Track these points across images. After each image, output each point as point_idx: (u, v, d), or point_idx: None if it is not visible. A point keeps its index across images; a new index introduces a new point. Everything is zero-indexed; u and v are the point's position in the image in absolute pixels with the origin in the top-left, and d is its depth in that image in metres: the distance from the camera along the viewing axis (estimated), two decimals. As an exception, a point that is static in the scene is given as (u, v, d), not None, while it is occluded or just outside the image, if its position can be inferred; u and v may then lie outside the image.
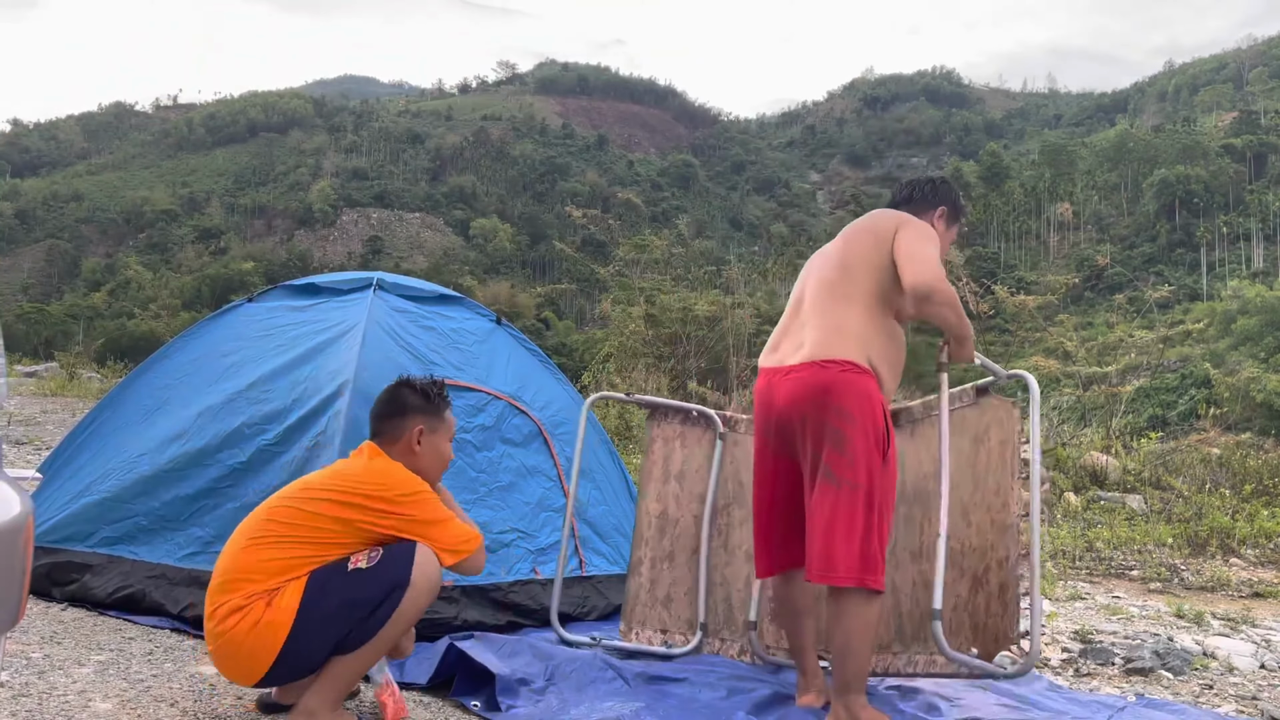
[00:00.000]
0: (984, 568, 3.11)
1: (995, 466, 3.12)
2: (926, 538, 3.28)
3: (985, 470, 3.17)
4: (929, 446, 3.31)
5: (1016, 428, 3.08)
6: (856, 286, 3.06)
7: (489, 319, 4.79)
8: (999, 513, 3.08)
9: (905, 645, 3.35)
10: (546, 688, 3.16)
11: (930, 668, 3.24)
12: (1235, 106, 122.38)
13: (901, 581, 3.36)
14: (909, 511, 3.37)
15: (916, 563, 3.31)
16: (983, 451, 3.19)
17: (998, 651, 3.06)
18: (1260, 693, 3.90)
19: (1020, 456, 3.06)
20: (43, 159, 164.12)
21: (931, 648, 3.21)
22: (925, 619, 3.24)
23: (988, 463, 3.16)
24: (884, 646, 3.42)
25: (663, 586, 3.85)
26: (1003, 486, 3.08)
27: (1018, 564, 3.00)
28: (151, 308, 75.31)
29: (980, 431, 3.20)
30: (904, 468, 3.39)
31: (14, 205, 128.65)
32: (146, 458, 4.12)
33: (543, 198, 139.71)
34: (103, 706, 2.81)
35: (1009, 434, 3.09)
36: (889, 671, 3.40)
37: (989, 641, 3.06)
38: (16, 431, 10.32)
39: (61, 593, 3.94)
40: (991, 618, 3.06)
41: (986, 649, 3.06)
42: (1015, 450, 3.07)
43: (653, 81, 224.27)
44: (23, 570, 1.73)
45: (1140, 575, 6.51)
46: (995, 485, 3.11)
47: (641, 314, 17.42)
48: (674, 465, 3.91)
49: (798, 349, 3.06)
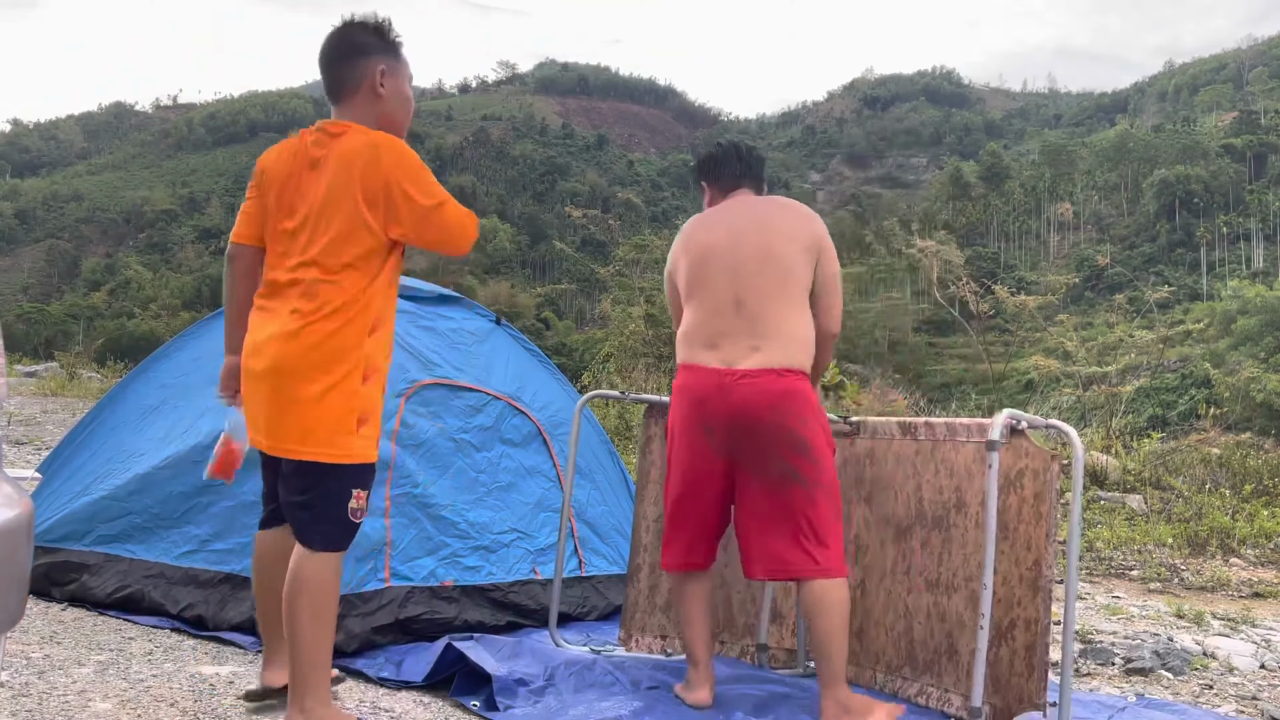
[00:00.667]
0: (1009, 622, 3.01)
1: (1028, 518, 2.99)
2: (946, 571, 3.19)
3: (1015, 519, 3.04)
4: (951, 471, 3.21)
5: (1055, 485, 2.95)
6: (798, 289, 3.10)
7: (489, 319, 4.79)
8: (1029, 569, 2.97)
9: (916, 674, 3.28)
10: (545, 688, 3.16)
11: (944, 705, 3.16)
12: (1235, 106, 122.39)
13: (915, 608, 3.29)
14: (927, 537, 3.27)
15: (933, 593, 3.23)
16: (1014, 498, 3.06)
17: (1020, 712, 2.96)
18: (1260, 693, 3.90)
19: (1056, 516, 2.95)
20: (43, 159, 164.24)
21: (944, 683, 3.16)
22: (939, 653, 3.18)
23: (1019, 512, 3.03)
24: (894, 669, 3.36)
25: (662, 593, 3.84)
26: (1035, 542, 2.96)
27: (1048, 630, 2.93)
28: (151, 308, 75.33)
29: (1012, 476, 3.06)
30: (921, 488, 3.31)
31: (14, 205, 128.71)
32: (144, 457, 4.12)
33: (543, 198, 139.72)
34: (103, 706, 2.81)
35: (1044, 489, 2.96)
36: (898, 695, 3.34)
37: (1011, 699, 2.97)
38: (16, 431, 10.32)
39: (61, 592, 3.94)
40: (1016, 676, 2.97)
41: (1008, 704, 2.98)
42: (1052, 508, 2.95)
43: (653, 81, 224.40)
44: (23, 570, 1.73)
45: (1140, 575, 6.51)
46: (1026, 538, 2.99)
47: (641, 314, 17.44)
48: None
49: (752, 352, 3.05)
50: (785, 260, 3.09)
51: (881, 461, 3.46)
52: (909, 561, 3.31)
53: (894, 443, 3.42)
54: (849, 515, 3.53)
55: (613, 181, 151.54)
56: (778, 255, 3.10)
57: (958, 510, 3.16)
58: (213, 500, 3.88)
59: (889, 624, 3.39)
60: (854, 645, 3.49)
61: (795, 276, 3.10)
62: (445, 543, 3.86)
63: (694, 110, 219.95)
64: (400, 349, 4.14)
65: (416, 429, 3.96)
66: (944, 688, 3.17)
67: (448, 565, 3.86)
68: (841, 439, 3.57)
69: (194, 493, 3.92)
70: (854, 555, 3.51)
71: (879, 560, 3.43)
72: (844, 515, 3.57)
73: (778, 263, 3.09)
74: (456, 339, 4.47)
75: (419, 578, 3.73)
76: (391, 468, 3.74)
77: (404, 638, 3.58)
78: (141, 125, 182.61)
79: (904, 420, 3.47)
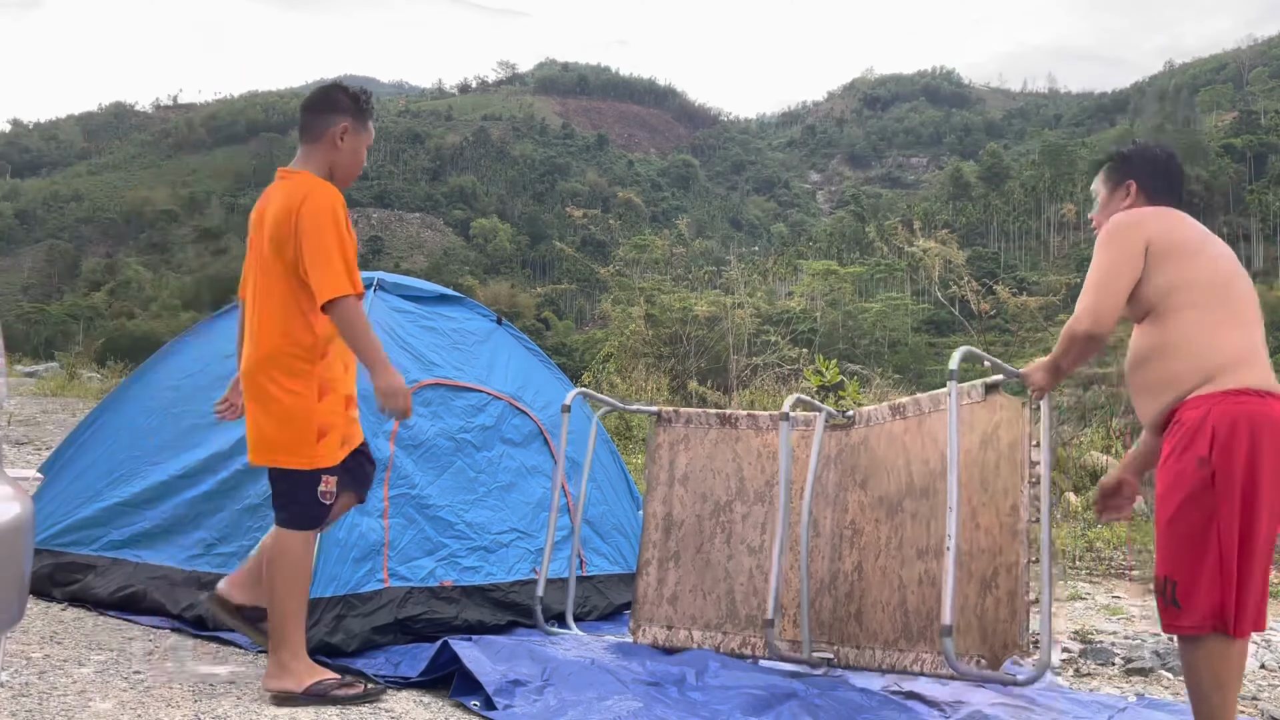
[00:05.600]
0: (992, 571, 3.10)
1: (1005, 469, 3.10)
2: (934, 536, 3.27)
3: (994, 472, 3.15)
4: (936, 441, 3.30)
5: (1027, 430, 3.06)
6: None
7: (489, 319, 4.79)
8: (1008, 516, 3.07)
9: (911, 643, 3.35)
10: (544, 688, 3.16)
11: (938, 668, 3.23)
12: (1235, 106, 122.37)
13: (908, 578, 3.37)
14: (916, 508, 3.36)
15: (924, 560, 3.31)
16: (991, 452, 3.17)
17: (1006, 657, 3.06)
18: (1260, 693, 3.90)
19: (1030, 460, 3.04)
20: (43, 159, 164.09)
21: (937, 648, 3.21)
22: (932, 618, 3.24)
23: (997, 464, 3.14)
24: (889, 643, 3.43)
25: (669, 585, 3.90)
26: (1011, 489, 3.07)
27: (1028, 570, 2.99)
28: (152, 308, 75.16)
29: (989, 431, 3.18)
30: (910, 462, 3.38)
31: (14, 205, 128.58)
32: (159, 465, 4.12)
33: (543, 198, 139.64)
34: (103, 706, 2.81)
35: (1018, 436, 3.07)
36: (895, 668, 3.41)
37: (997, 646, 3.06)
38: (16, 431, 10.31)
39: (62, 593, 3.94)
40: (1000, 623, 3.05)
41: (994, 654, 3.06)
42: (1026, 453, 3.05)
43: (653, 81, 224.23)
44: (23, 570, 1.73)
45: (1140, 575, 6.51)
46: (1004, 488, 3.09)
47: (641, 314, 17.45)
48: (679, 469, 3.98)
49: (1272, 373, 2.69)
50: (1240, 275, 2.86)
51: (875, 446, 3.54)
52: (900, 535, 3.38)
53: (886, 426, 3.50)
54: (845, 502, 3.58)
55: (613, 181, 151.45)
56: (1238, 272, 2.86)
57: (942, 477, 3.21)
58: (221, 505, 3.89)
59: (885, 600, 3.45)
60: (853, 628, 3.53)
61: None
62: (443, 543, 3.86)
63: (694, 110, 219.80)
64: (401, 349, 4.14)
65: (416, 429, 3.96)
66: (937, 651, 3.22)
67: (447, 565, 3.86)
68: (838, 431, 3.60)
69: (203, 498, 3.93)
70: (850, 539, 3.56)
71: (874, 540, 3.50)
72: (840, 503, 3.61)
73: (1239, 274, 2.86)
74: (457, 339, 4.47)
75: (418, 578, 3.73)
76: (390, 468, 3.74)
77: (404, 638, 3.58)
78: (141, 125, 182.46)
79: (893, 402, 3.54)
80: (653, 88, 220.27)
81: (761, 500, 3.82)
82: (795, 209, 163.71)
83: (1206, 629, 2.58)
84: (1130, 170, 2.96)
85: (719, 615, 3.84)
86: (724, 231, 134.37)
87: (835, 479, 3.74)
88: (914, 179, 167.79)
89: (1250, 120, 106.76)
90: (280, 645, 2.96)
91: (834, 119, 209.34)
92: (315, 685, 2.94)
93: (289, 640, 2.96)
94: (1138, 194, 2.92)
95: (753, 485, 3.84)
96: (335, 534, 3.54)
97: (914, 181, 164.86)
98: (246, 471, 3.91)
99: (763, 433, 3.85)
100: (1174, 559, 2.61)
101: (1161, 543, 2.66)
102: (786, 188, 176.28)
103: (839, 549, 3.67)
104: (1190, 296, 2.71)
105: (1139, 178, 2.94)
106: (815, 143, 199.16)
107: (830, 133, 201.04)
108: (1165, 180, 2.96)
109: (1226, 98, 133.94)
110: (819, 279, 35.03)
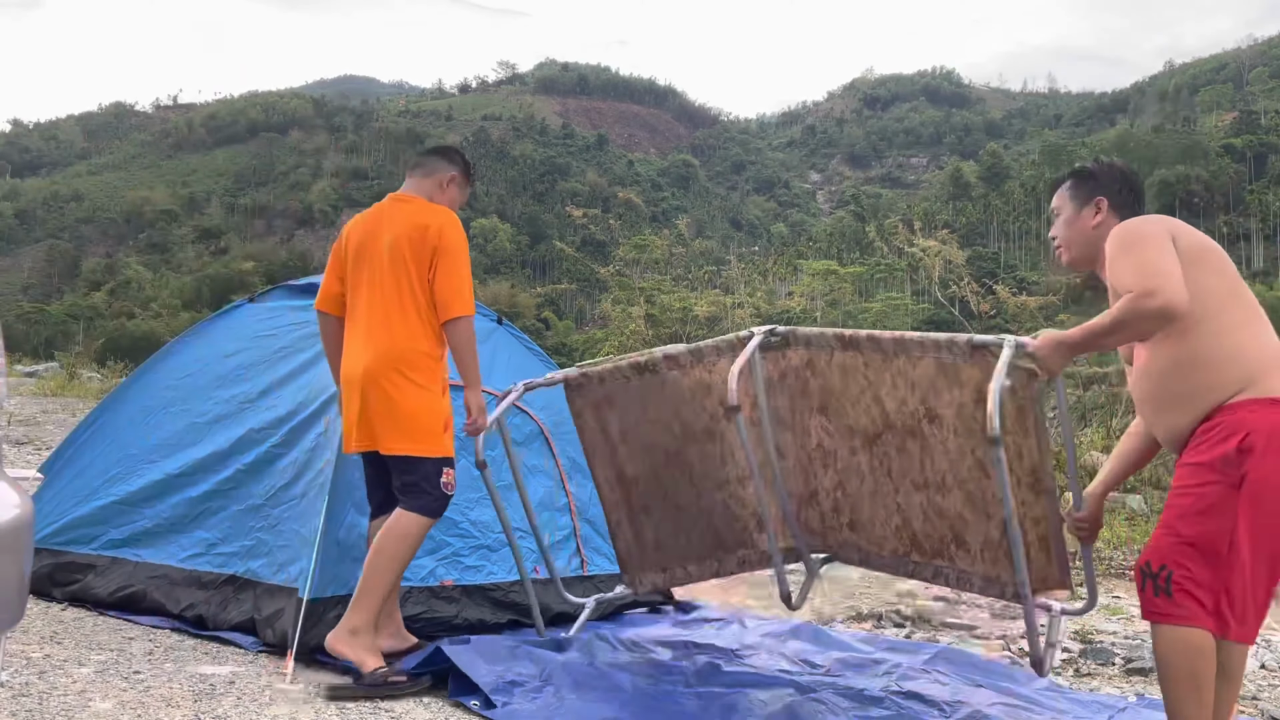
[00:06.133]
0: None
1: (1015, 430, 3.03)
2: (930, 471, 3.25)
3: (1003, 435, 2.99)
4: (912, 385, 3.23)
5: (1034, 394, 3.00)
6: None
7: (490, 319, 4.79)
8: (1027, 476, 3.06)
9: (927, 558, 3.37)
10: (542, 688, 3.17)
11: (965, 585, 3.28)
12: (1235, 106, 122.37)
13: (908, 504, 3.36)
14: (902, 443, 3.31)
15: (923, 492, 3.30)
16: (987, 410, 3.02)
17: (1043, 591, 3.10)
18: (1260, 693, 3.90)
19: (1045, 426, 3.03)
20: (43, 159, 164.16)
21: (959, 565, 3.26)
22: (943, 541, 3.27)
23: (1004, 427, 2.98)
24: (900, 554, 3.44)
25: (648, 535, 3.87)
26: (1027, 451, 3.04)
27: (1061, 525, 3.05)
28: (152, 307, 75.24)
29: (981, 388, 3.04)
30: (881, 400, 3.31)
31: (14, 205, 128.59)
32: (158, 463, 4.12)
33: (543, 198, 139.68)
34: (103, 706, 2.81)
35: (1027, 403, 3.01)
36: (913, 575, 3.45)
37: (1035, 579, 3.08)
38: (16, 431, 10.32)
39: (62, 592, 3.94)
40: (1034, 562, 3.09)
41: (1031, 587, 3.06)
42: (1038, 419, 3.01)
43: (653, 81, 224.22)
44: (23, 570, 1.73)
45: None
46: (1018, 449, 3.05)
47: (641, 314, 17.48)
48: (612, 430, 3.82)
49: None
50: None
51: (825, 373, 3.44)
52: (888, 465, 3.35)
53: (835, 355, 3.39)
54: (806, 426, 3.53)
55: (613, 181, 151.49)
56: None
57: (930, 422, 3.19)
58: (223, 505, 3.89)
59: (883, 518, 3.45)
60: (849, 536, 3.58)
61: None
62: (446, 541, 3.86)
63: (694, 110, 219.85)
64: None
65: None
66: (959, 569, 3.28)
67: (448, 565, 3.86)
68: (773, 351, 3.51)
69: (204, 498, 3.93)
70: (822, 460, 3.52)
71: (853, 465, 3.46)
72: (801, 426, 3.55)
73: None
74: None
75: (418, 578, 3.74)
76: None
77: (404, 638, 3.58)
78: (141, 125, 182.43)
79: (841, 331, 3.44)
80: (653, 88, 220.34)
81: (711, 437, 3.67)
82: (795, 209, 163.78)
83: (1194, 626, 2.57)
84: (1098, 186, 2.94)
85: (706, 546, 3.82)
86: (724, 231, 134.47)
87: (786, 403, 3.58)
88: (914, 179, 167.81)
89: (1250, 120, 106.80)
90: (358, 608, 3.17)
91: (834, 119, 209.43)
92: (374, 674, 3.10)
93: (369, 608, 3.17)
94: (1109, 210, 2.90)
95: (698, 424, 3.66)
96: (335, 534, 3.55)
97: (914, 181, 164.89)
98: (247, 471, 3.91)
99: (687, 371, 3.64)
100: (1177, 551, 2.59)
101: (1166, 532, 2.64)
102: (786, 188, 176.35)
103: (811, 469, 3.59)
104: (1216, 303, 2.67)
105: (1109, 194, 2.92)
106: (815, 143, 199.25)
107: (830, 133, 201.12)
108: (1132, 195, 2.94)
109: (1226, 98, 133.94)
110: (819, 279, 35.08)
